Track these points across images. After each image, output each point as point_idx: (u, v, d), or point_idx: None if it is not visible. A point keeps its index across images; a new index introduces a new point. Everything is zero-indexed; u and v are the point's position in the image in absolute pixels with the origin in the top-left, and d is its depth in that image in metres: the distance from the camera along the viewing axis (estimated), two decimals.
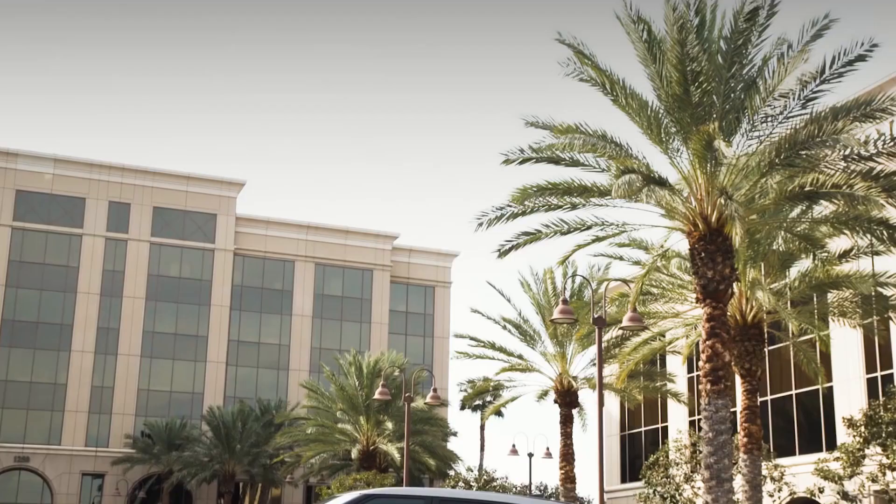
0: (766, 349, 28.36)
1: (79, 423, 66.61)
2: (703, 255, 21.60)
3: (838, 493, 33.53)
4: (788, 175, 20.77)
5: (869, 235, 22.31)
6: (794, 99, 20.58)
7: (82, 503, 66.05)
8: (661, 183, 20.91)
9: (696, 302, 22.37)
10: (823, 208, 23.33)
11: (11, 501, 65.33)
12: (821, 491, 34.16)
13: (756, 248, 25.94)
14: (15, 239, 67.79)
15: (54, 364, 67.20)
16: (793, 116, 20.73)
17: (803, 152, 19.95)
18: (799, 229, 24.45)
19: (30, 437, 65.59)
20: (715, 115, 20.77)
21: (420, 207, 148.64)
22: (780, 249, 26.41)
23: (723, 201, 20.50)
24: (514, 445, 51.48)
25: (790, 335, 31.34)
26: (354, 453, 48.18)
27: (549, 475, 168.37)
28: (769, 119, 20.97)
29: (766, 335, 27.45)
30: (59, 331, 67.64)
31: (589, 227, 23.31)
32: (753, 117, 20.98)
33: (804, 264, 26.90)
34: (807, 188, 20.37)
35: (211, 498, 67.49)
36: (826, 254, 24.95)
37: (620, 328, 23.71)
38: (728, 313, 22.99)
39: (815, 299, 29.00)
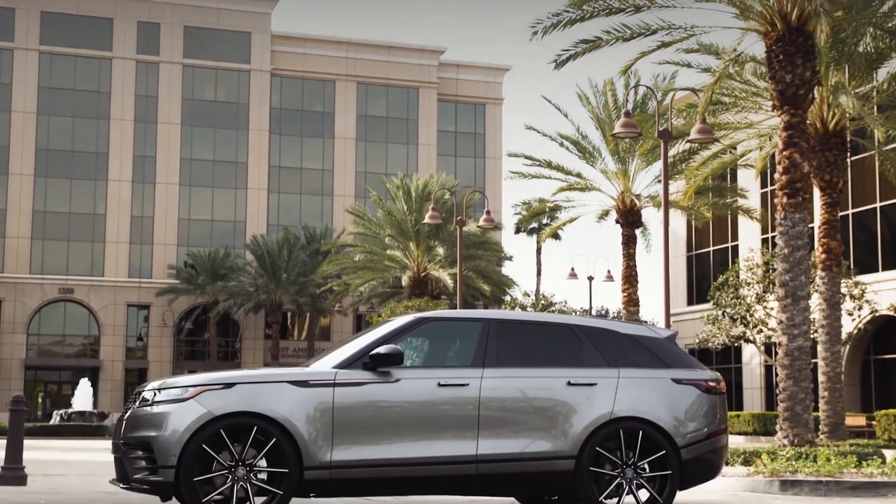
0: (848, 159, 27.59)
1: (120, 253, 67.94)
2: (780, 57, 20.81)
3: None
4: None
5: None
6: None
7: (129, 334, 68.10)
8: None
9: (773, 109, 21.70)
10: None
11: (59, 332, 67.56)
12: None
13: (840, 49, 24.88)
14: (43, 64, 67.65)
15: (92, 194, 68.08)
16: None
17: None
18: (890, 25, 23.30)
19: (72, 269, 67.14)
20: None
21: (468, 19, 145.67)
22: (868, 49, 25.32)
23: None
24: (572, 269, 51.62)
25: (876, 143, 30.47)
26: (405, 280, 48.64)
27: (610, 299, 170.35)
28: None
29: (848, 144, 26.72)
30: (94, 159, 68.21)
31: (654, 32, 22.56)
32: None
33: (894, 64, 25.83)
34: None
35: (259, 328, 69.16)
36: None
37: (688, 141, 23.08)
38: (807, 121, 22.24)
39: None
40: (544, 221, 64.91)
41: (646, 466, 9.48)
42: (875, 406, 39.62)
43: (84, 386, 55.52)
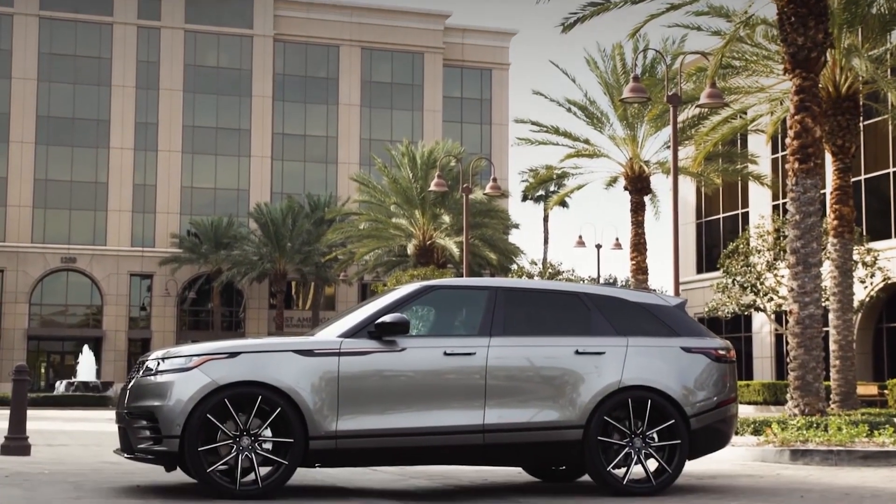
0: (861, 124, 27.42)
1: (123, 222, 68.00)
2: (792, 19, 20.59)
3: None
4: None
5: None
6: None
7: (132, 303, 68.26)
8: None
9: (784, 73, 21.49)
10: None
11: (61, 302, 67.73)
12: None
13: (853, 10, 24.65)
14: (43, 29, 67.45)
15: (93, 162, 68.05)
16: None
17: None
18: None
19: (74, 238, 67.24)
20: None
21: None
22: (882, 11, 25.10)
23: None
24: (580, 237, 51.53)
25: (889, 107, 30.26)
26: (410, 249, 48.68)
27: (619, 267, 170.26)
28: None
29: (861, 108, 26.51)
30: (95, 127, 68.12)
31: None
32: None
33: None
34: None
35: (263, 297, 69.27)
36: None
37: (698, 106, 22.92)
38: (820, 85, 22.06)
39: None
40: (552, 189, 64.82)
41: (654, 436, 9.46)
42: (887, 375, 39.64)
43: (87, 355, 55.72)
